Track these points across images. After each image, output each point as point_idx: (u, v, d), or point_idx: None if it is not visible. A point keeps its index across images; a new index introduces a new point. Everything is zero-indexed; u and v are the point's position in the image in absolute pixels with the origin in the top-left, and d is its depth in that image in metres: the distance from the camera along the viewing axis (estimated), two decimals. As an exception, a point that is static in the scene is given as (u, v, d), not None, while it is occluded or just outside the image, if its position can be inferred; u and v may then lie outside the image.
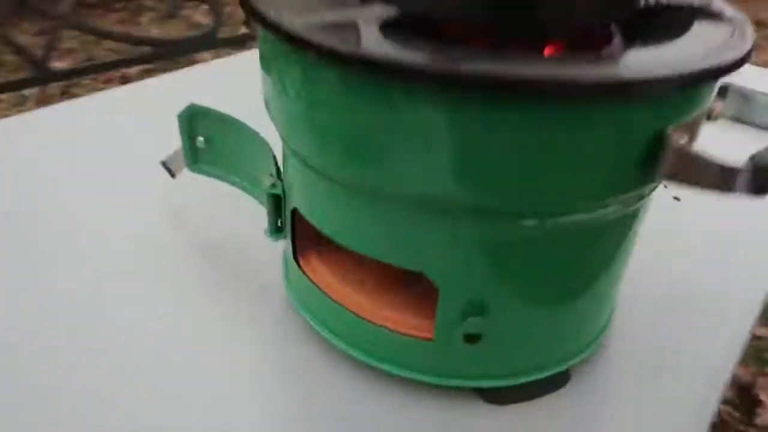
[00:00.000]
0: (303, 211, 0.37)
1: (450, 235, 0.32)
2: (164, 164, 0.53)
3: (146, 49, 1.19)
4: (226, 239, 0.52)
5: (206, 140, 0.49)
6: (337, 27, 0.28)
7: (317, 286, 0.39)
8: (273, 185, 0.41)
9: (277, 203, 0.41)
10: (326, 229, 0.36)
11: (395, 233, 0.33)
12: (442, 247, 0.32)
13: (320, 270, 0.40)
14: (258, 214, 0.43)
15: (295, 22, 0.29)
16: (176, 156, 0.52)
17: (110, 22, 2.16)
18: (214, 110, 0.47)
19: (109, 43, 1.82)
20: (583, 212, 0.31)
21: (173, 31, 1.99)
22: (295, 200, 0.38)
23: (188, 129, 0.49)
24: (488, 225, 0.31)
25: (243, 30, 1.75)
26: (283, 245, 0.44)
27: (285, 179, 0.40)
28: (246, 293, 0.46)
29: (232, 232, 0.52)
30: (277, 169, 0.41)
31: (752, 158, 0.27)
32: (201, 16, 2.04)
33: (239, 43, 1.57)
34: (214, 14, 1.20)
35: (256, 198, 0.48)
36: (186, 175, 0.52)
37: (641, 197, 0.33)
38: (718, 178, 0.27)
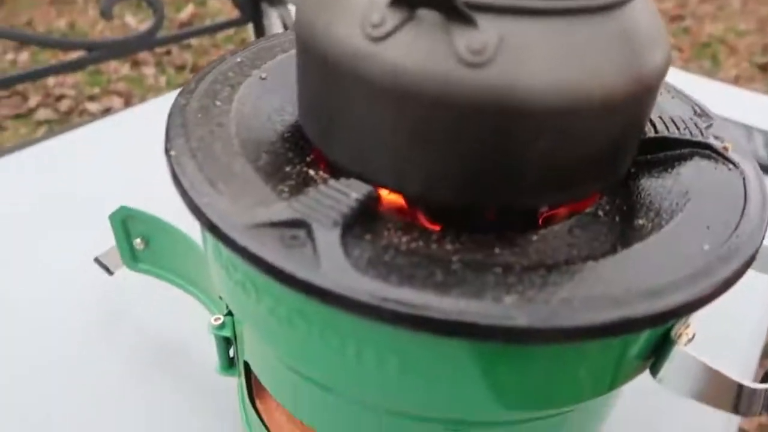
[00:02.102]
0: (264, 382, 0.33)
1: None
2: (98, 261, 0.47)
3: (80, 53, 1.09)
4: (175, 339, 0.47)
5: (144, 242, 0.44)
6: (287, 229, 0.23)
7: (276, 440, 0.35)
8: (221, 325, 0.36)
9: (227, 343, 0.37)
10: (292, 412, 0.32)
11: (373, 431, 0.29)
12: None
13: (280, 421, 0.36)
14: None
15: (235, 218, 0.23)
16: (112, 252, 0.46)
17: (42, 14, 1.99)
18: (151, 215, 0.42)
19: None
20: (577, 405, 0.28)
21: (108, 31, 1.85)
22: (251, 360, 0.33)
23: (123, 231, 0.43)
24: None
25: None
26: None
27: (237, 321, 0.35)
28: (198, 411, 0.42)
29: (181, 331, 0.47)
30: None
31: (769, 376, 0.24)
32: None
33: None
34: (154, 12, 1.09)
35: (207, 308, 0.43)
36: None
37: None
38: (732, 397, 0.24)
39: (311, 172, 0.28)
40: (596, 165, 0.26)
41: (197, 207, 0.24)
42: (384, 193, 0.27)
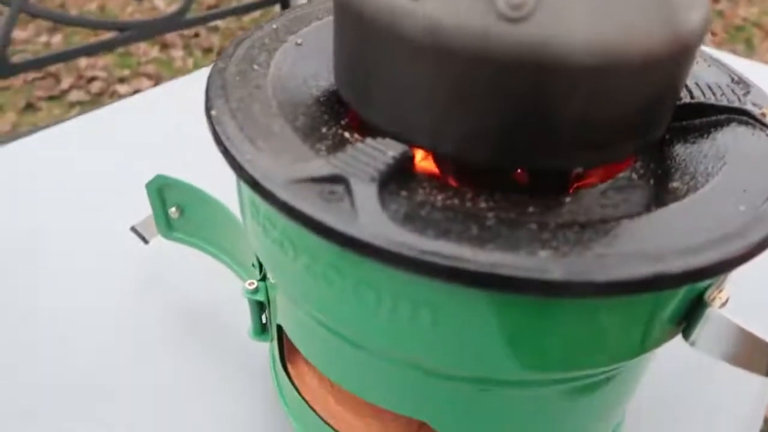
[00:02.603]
0: (296, 343, 0.33)
1: (460, 397, 0.28)
2: (135, 230, 0.48)
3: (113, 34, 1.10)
4: (208, 306, 0.48)
5: (180, 210, 0.45)
6: (326, 185, 0.24)
7: (307, 403, 0.36)
8: (255, 290, 0.37)
9: (259, 307, 0.38)
10: (324, 371, 0.32)
11: (401, 388, 0.29)
12: (451, 404, 0.29)
13: (312, 385, 0.37)
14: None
15: (276, 174, 0.24)
16: (148, 221, 0.48)
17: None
18: (187, 184, 0.43)
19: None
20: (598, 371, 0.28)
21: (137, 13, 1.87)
22: (284, 322, 0.34)
23: (158, 199, 0.44)
24: (501, 392, 0.27)
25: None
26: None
27: (270, 287, 0.36)
28: (230, 377, 0.43)
29: (215, 299, 0.48)
30: (261, 265, 0.37)
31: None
32: None
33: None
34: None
35: (240, 276, 0.44)
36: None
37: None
38: (766, 360, 0.24)
39: (347, 134, 0.28)
40: (631, 126, 0.26)
41: (238, 164, 0.25)
42: (418, 155, 0.28)
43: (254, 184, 0.24)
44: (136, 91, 1.67)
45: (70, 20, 1.31)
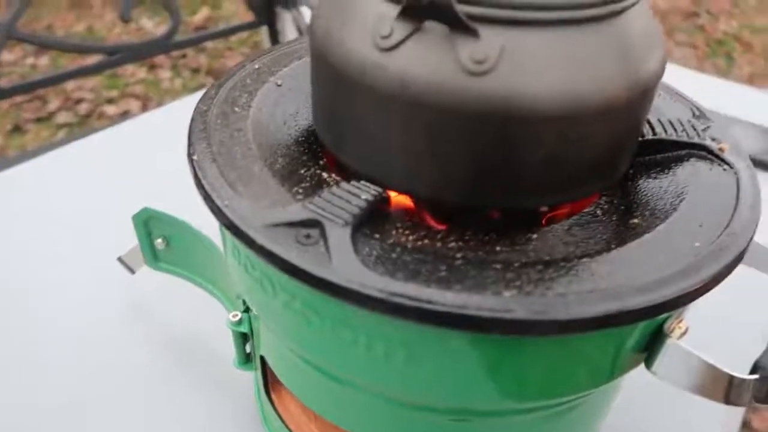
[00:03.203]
0: (278, 375, 0.34)
1: (437, 427, 0.29)
2: (121, 260, 0.49)
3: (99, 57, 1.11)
4: (194, 335, 0.49)
5: (166, 241, 0.46)
6: (302, 229, 0.25)
7: (291, 431, 0.37)
8: (238, 322, 0.38)
9: (243, 338, 0.39)
10: (305, 402, 0.33)
11: (381, 420, 0.30)
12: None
13: (295, 413, 0.38)
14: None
15: (253, 219, 0.25)
16: (135, 252, 0.48)
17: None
18: (172, 216, 0.43)
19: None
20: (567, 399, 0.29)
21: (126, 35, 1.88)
22: (266, 354, 0.35)
23: (145, 231, 0.45)
24: (477, 421, 0.29)
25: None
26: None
27: (253, 318, 0.37)
28: (215, 404, 0.44)
29: (200, 327, 0.49)
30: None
31: (758, 367, 0.25)
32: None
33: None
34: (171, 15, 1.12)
35: (225, 306, 0.45)
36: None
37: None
38: (723, 389, 0.25)
39: (324, 174, 0.30)
40: (595, 167, 0.28)
41: (218, 208, 0.26)
42: (393, 194, 0.29)
43: (233, 229, 0.25)
44: (124, 112, 1.67)
45: (57, 45, 1.32)
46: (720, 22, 2.54)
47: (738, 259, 0.26)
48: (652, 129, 0.33)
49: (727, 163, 0.31)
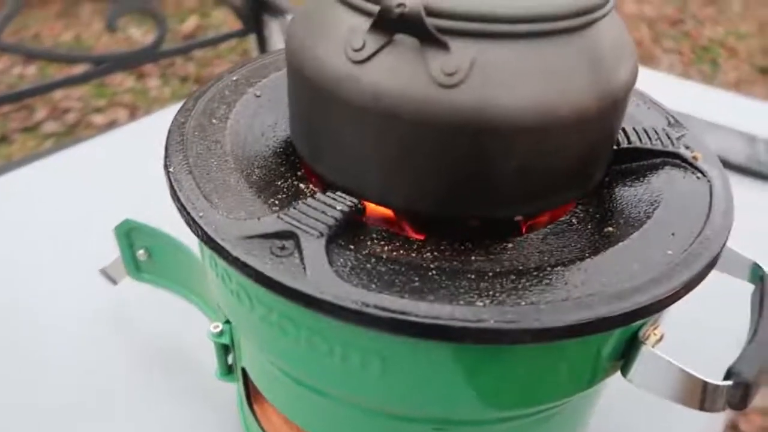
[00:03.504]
0: (259, 387, 0.34)
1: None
2: (104, 272, 0.49)
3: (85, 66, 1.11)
4: (176, 345, 0.49)
5: (148, 253, 0.46)
6: (277, 240, 0.25)
7: (273, 442, 0.37)
8: (219, 333, 0.37)
9: (224, 349, 0.38)
10: (286, 413, 0.33)
11: (362, 430, 0.30)
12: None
13: (277, 424, 0.38)
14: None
15: (228, 231, 0.25)
16: (117, 263, 0.48)
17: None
18: (153, 228, 0.43)
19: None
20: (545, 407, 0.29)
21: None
22: (248, 366, 0.35)
23: (127, 242, 0.45)
24: (454, 428, 0.29)
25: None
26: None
27: (234, 329, 0.37)
28: (198, 416, 0.43)
29: (183, 338, 0.49)
30: (225, 307, 0.38)
31: (731, 373, 0.25)
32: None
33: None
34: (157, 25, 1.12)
35: (207, 316, 0.44)
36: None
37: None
38: (698, 395, 0.25)
39: (301, 185, 0.30)
40: (568, 176, 0.28)
41: (193, 220, 0.26)
42: (370, 205, 0.29)
43: (208, 241, 0.25)
44: (111, 122, 1.67)
45: (44, 55, 1.32)
46: (705, 28, 2.56)
47: (710, 266, 0.26)
48: (627, 137, 0.33)
49: (701, 171, 0.31)
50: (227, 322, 0.38)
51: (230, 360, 0.40)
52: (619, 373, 0.28)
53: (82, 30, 2.09)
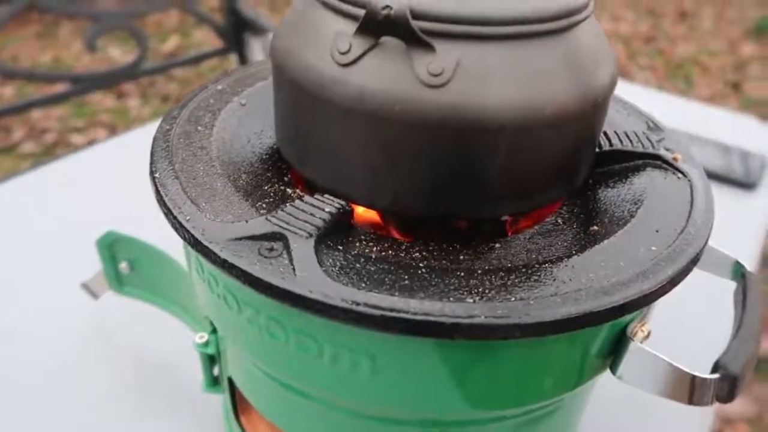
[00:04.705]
0: (246, 395, 0.34)
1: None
2: (85, 286, 0.48)
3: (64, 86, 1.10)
4: (158, 361, 0.48)
5: (131, 265, 0.45)
6: (265, 242, 0.25)
7: (261, 454, 0.36)
8: (205, 343, 0.37)
9: (210, 360, 0.38)
10: (275, 421, 0.33)
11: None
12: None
13: (264, 434, 0.37)
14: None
15: (216, 233, 0.25)
16: (99, 277, 0.48)
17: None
18: (137, 239, 0.43)
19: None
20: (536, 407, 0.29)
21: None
22: (234, 374, 0.35)
23: (109, 255, 0.44)
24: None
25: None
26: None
27: (220, 339, 0.36)
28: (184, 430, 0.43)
29: (166, 353, 0.48)
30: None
31: (718, 366, 0.26)
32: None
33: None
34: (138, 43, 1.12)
35: (191, 328, 0.44)
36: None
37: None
38: (687, 389, 0.26)
39: (288, 190, 0.30)
40: (552, 176, 0.28)
41: (180, 223, 0.26)
42: (359, 209, 0.29)
43: (195, 244, 0.25)
44: (90, 142, 1.65)
45: (23, 73, 1.31)
46: (678, 46, 2.63)
47: (694, 261, 0.27)
48: (609, 141, 0.34)
49: (681, 172, 0.32)
50: (213, 331, 0.37)
51: (216, 371, 0.39)
52: (607, 378, 0.28)
53: (62, 51, 2.08)
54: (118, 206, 0.60)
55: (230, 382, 0.36)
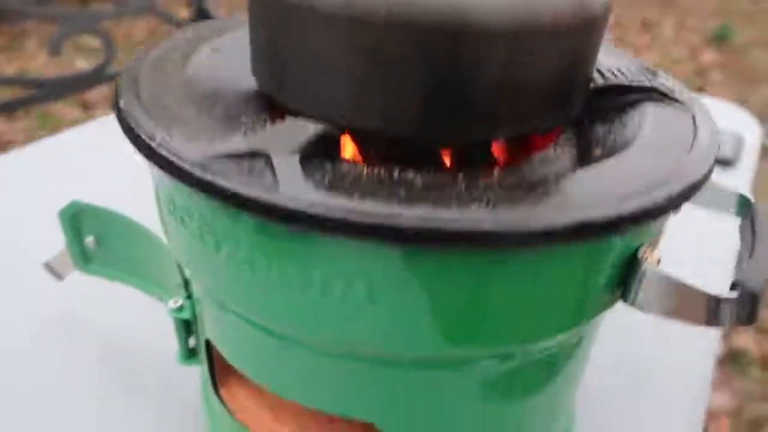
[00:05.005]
0: (227, 355, 0.31)
1: (402, 387, 0.27)
2: (48, 266, 0.44)
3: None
4: (132, 347, 0.44)
5: (97, 240, 0.42)
6: (245, 161, 0.22)
7: (243, 425, 0.33)
8: (179, 308, 0.34)
9: (186, 327, 0.35)
10: (258, 379, 0.30)
11: (340, 384, 0.27)
12: (393, 398, 0.27)
13: (247, 405, 0.34)
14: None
15: (190, 154, 0.23)
16: (63, 255, 0.44)
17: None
18: (103, 209, 0.40)
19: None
20: (541, 347, 0.27)
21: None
22: (212, 335, 0.32)
23: (73, 229, 0.41)
24: (441, 378, 0.26)
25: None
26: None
27: (196, 302, 0.33)
28: (158, 413, 0.39)
29: (140, 336, 0.45)
30: (185, 281, 0.35)
31: (736, 284, 0.24)
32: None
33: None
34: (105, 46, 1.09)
35: (164, 303, 0.41)
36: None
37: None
38: (704, 309, 0.24)
39: (268, 120, 0.27)
40: (547, 97, 0.26)
41: (152, 150, 0.23)
42: (343, 142, 0.27)
43: (168, 166, 0.23)
44: (56, 154, 1.60)
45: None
46: (642, 53, 2.69)
47: (702, 181, 0.25)
48: (603, 76, 0.32)
49: (681, 102, 0.31)
50: (188, 297, 0.35)
51: (192, 342, 0.36)
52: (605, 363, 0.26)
53: (27, 62, 2.03)
54: (86, 189, 0.57)
55: (208, 346, 0.33)
